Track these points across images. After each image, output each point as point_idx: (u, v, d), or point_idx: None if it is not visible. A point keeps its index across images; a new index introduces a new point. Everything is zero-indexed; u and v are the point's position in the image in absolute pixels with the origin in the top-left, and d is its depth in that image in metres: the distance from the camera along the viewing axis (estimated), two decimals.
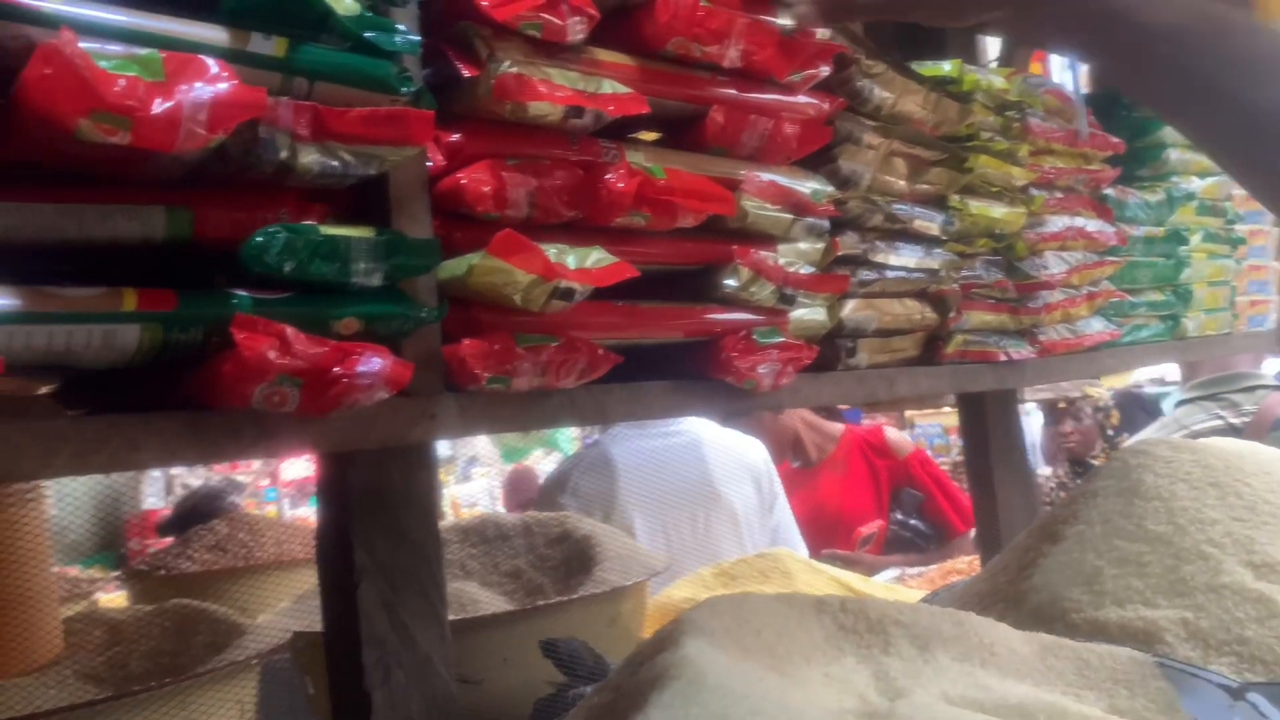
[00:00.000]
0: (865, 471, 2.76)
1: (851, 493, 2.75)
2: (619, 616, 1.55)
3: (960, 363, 1.10)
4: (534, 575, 1.71)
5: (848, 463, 2.78)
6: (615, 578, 1.57)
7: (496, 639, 1.37)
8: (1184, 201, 1.43)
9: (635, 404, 0.79)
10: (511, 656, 1.37)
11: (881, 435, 2.83)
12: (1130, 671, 0.92)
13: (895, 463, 2.75)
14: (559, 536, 1.76)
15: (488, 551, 1.77)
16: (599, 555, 1.66)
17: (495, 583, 1.69)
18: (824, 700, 0.86)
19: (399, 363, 0.61)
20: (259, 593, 1.94)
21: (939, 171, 1.03)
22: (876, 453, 2.78)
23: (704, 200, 0.76)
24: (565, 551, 1.73)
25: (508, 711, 1.30)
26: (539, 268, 0.67)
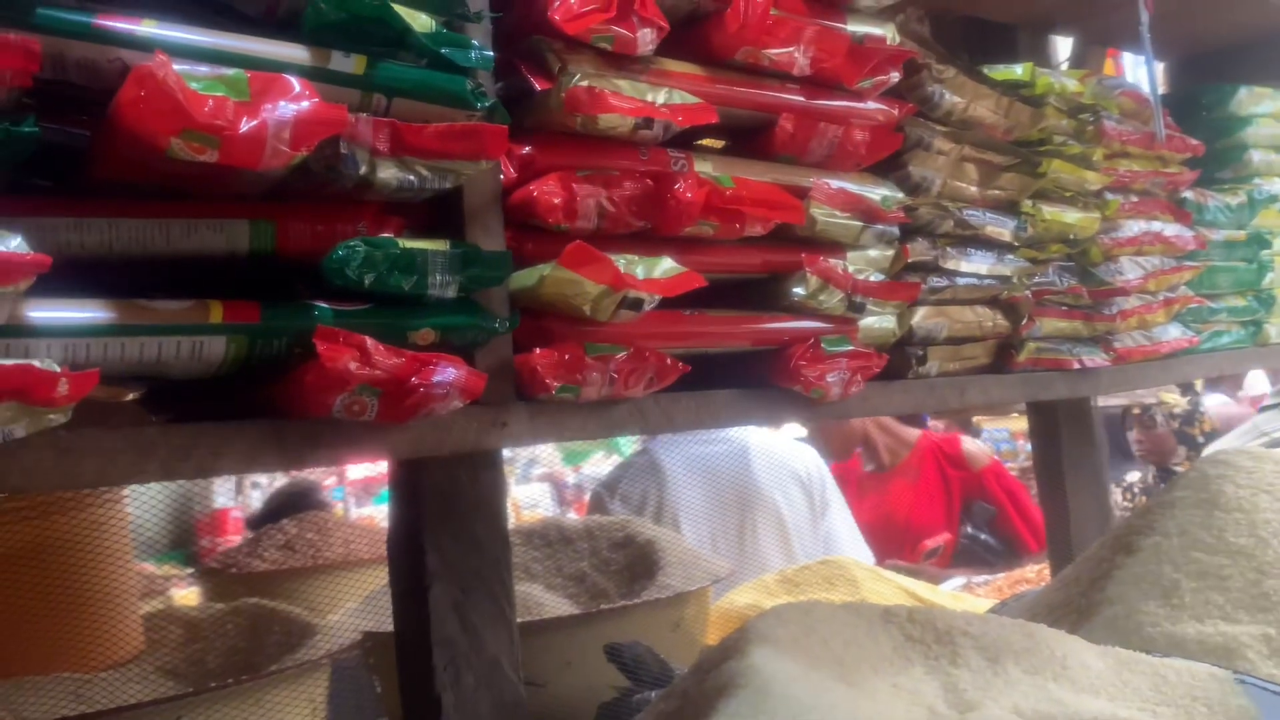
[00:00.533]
0: (938, 481, 2.71)
1: (921, 502, 2.70)
2: (682, 621, 1.55)
3: (1033, 371, 1.08)
4: (597, 579, 1.72)
5: (920, 470, 2.73)
6: (678, 583, 1.57)
7: (560, 642, 1.38)
8: (1267, 204, 1.38)
9: (702, 412, 0.79)
10: (575, 660, 1.38)
11: (958, 445, 2.76)
12: (1210, 689, 0.90)
13: (969, 474, 2.69)
14: (622, 541, 1.76)
15: (551, 555, 1.78)
16: (662, 560, 1.66)
17: (559, 586, 1.70)
18: (893, 712, 0.85)
19: (473, 373, 0.62)
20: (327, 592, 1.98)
21: (1011, 177, 1.01)
22: (951, 463, 2.71)
23: (772, 209, 0.76)
24: (628, 556, 1.73)
25: (571, 715, 1.31)
26: (609, 278, 0.68)
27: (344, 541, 2.28)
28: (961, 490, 2.70)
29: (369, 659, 1.51)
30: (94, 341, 0.52)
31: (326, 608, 1.75)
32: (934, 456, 2.72)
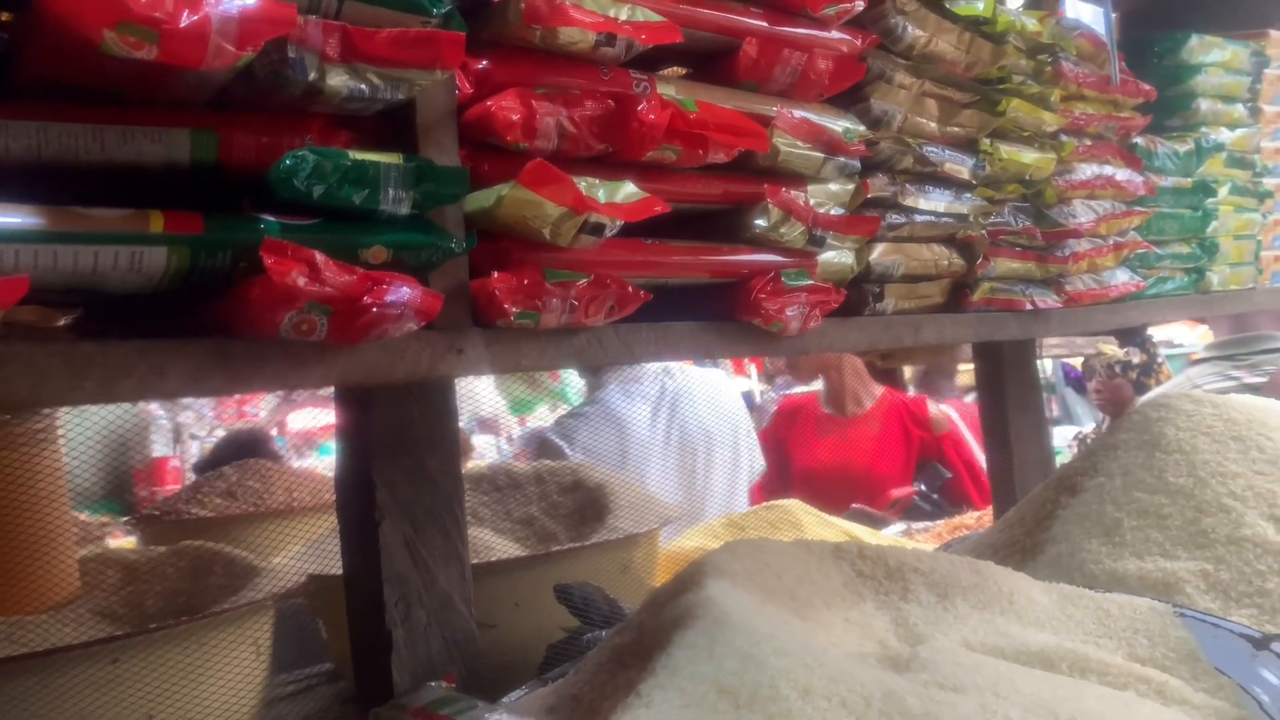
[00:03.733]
0: (900, 436, 2.78)
1: (883, 453, 2.78)
2: (631, 563, 1.55)
3: (986, 310, 1.08)
4: (546, 523, 1.71)
5: (884, 423, 2.80)
6: (628, 525, 1.57)
7: (509, 585, 1.37)
8: (1213, 153, 1.40)
9: (663, 344, 0.78)
10: (524, 602, 1.37)
11: (924, 407, 2.85)
12: (1150, 621, 0.92)
13: (930, 437, 2.77)
14: (571, 485, 1.76)
15: (500, 499, 1.77)
16: (612, 504, 1.66)
17: (507, 530, 1.69)
18: (846, 644, 0.86)
19: (429, 293, 0.60)
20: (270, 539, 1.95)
21: (971, 114, 1.01)
22: (916, 422, 2.79)
23: (736, 135, 0.74)
24: (578, 500, 1.73)
25: (519, 656, 1.30)
26: (570, 200, 0.66)
27: (287, 489, 2.24)
28: (920, 450, 2.77)
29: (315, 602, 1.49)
30: (23, 248, 0.49)
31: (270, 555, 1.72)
32: (899, 413, 2.79)
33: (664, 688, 0.74)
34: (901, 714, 0.68)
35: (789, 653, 0.74)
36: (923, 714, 0.68)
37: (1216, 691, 0.82)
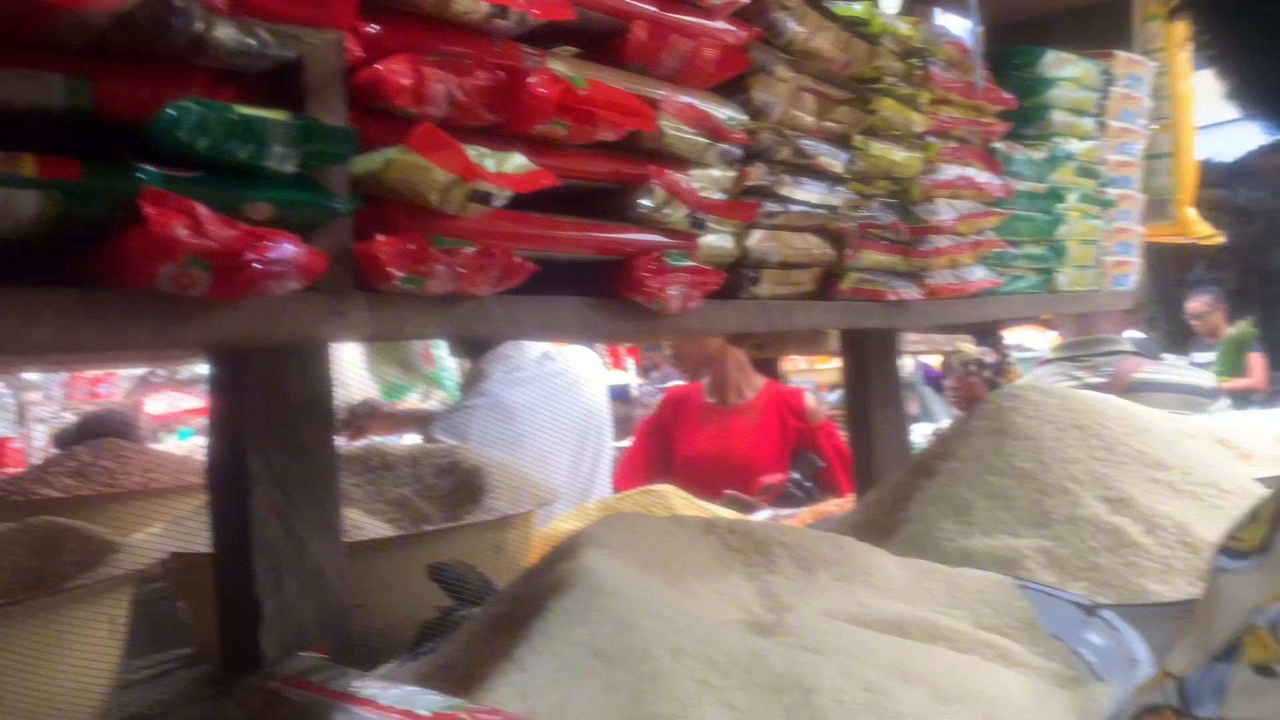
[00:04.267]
0: (778, 426, 2.88)
1: (761, 442, 2.87)
2: (506, 544, 1.55)
3: (853, 300, 1.13)
4: (420, 504, 1.70)
5: (763, 413, 2.90)
6: (504, 507, 1.57)
7: (380, 564, 1.36)
8: (1064, 162, 1.50)
9: (548, 317, 0.79)
10: (396, 582, 1.36)
11: (801, 399, 2.96)
12: (995, 593, 0.99)
13: (806, 427, 2.88)
14: (447, 466, 1.74)
15: (372, 480, 1.75)
16: (488, 485, 1.66)
17: (379, 511, 1.67)
18: (715, 612, 0.89)
19: (313, 252, 0.59)
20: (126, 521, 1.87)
21: (845, 110, 1.05)
22: (793, 412, 2.90)
23: (625, 114, 0.76)
24: (454, 482, 1.72)
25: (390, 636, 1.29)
26: (458, 167, 0.66)
27: (144, 469, 2.15)
28: (796, 439, 2.88)
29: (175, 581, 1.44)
30: None
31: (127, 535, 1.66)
32: (778, 404, 2.89)
33: (539, 652, 0.76)
34: (767, 672, 0.71)
35: (661, 617, 0.77)
36: (787, 673, 0.71)
37: (1051, 654, 0.89)
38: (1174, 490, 1.19)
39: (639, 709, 0.68)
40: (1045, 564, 1.10)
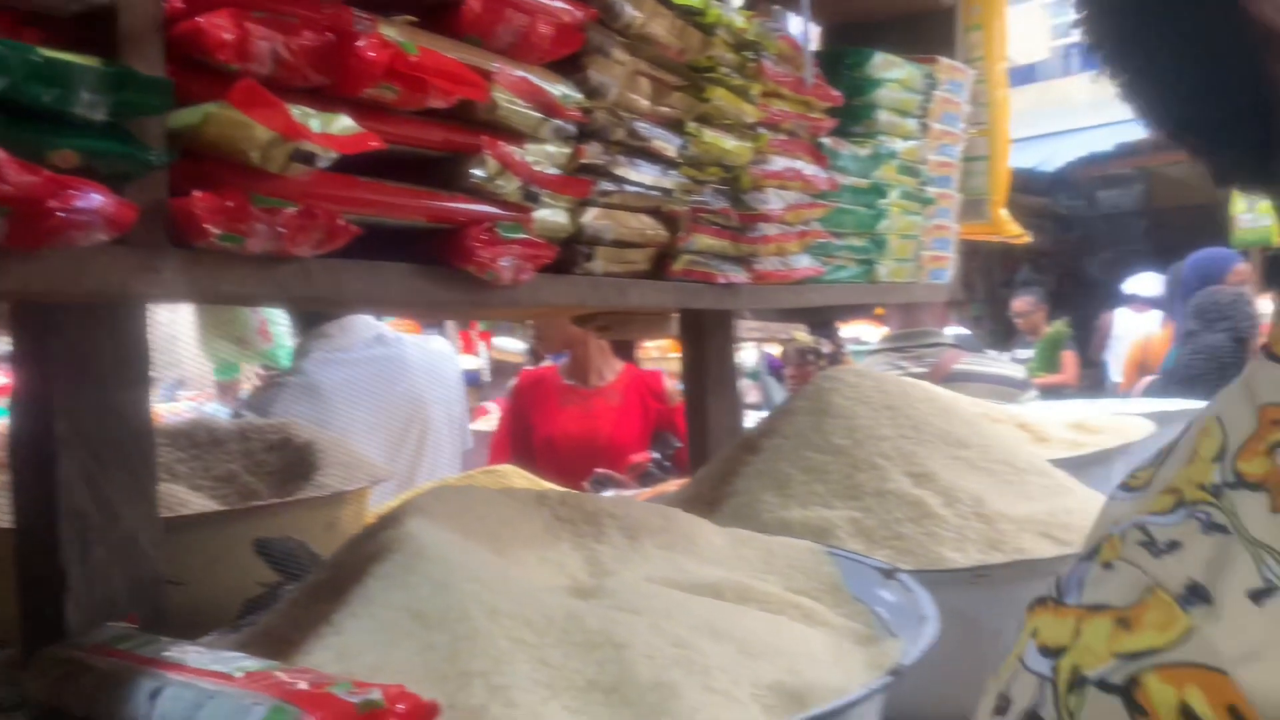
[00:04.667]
0: (639, 407, 2.94)
1: (624, 423, 2.93)
2: (337, 522, 1.53)
3: (685, 281, 1.18)
4: (249, 480, 1.65)
5: (624, 395, 2.95)
6: (337, 484, 1.55)
7: (206, 540, 1.32)
8: (887, 159, 1.59)
9: (373, 282, 0.79)
10: (221, 558, 1.33)
11: (660, 381, 3.04)
12: (806, 559, 1.05)
13: (665, 408, 2.95)
14: (278, 443, 1.71)
15: (198, 455, 1.69)
16: (320, 462, 1.63)
17: (206, 487, 1.62)
18: (540, 578, 0.92)
19: (122, 203, 0.58)
20: None
21: (679, 97, 1.09)
22: (653, 394, 2.97)
23: (456, 82, 0.77)
24: (285, 458, 1.68)
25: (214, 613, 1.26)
26: (281, 125, 0.66)
27: None
28: (656, 420, 2.95)
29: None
30: None
31: None
32: (638, 385, 2.96)
33: (356, 616, 0.77)
34: (582, 630, 0.74)
35: (480, 580, 0.78)
36: (600, 630, 0.74)
37: (853, 615, 0.96)
38: (972, 467, 1.29)
39: (453, 666, 0.69)
40: (854, 533, 1.18)
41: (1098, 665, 0.45)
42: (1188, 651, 0.44)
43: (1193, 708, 0.42)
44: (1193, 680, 0.43)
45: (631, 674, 0.70)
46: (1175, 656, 0.44)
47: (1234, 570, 0.45)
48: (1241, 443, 0.48)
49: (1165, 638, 0.45)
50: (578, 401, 3.02)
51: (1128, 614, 0.46)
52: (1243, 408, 0.50)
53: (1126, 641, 0.46)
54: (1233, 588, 0.45)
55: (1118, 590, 0.48)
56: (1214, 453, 0.49)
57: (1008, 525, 1.18)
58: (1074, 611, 0.48)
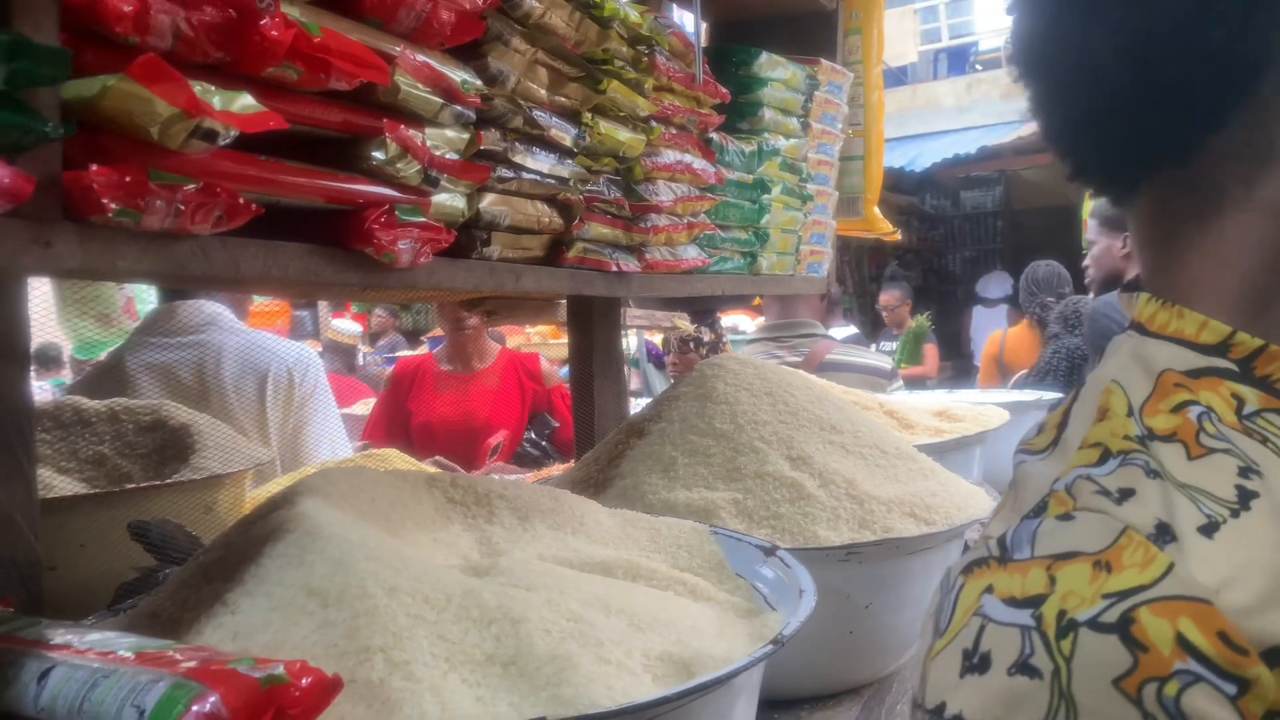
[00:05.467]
0: (516, 389, 2.96)
1: (501, 405, 2.95)
2: (216, 505, 1.50)
3: (579, 268, 1.20)
4: (120, 463, 1.60)
5: (502, 377, 2.96)
6: (215, 466, 1.52)
7: (75, 524, 1.28)
8: (771, 156, 1.65)
9: (271, 261, 0.79)
10: (91, 542, 1.29)
11: (537, 362, 3.07)
12: (691, 538, 1.09)
13: (541, 389, 2.98)
14: (151, 424, 1.65)
15: (65, 437, 1.62)
16: (197, 444, 1.59)
17: (73, 469, 1.56)
18: (434, 558, 0.93)
19: (19, 174, 0.57)
20: None
21: (576, 87, 1.11)
22: (529, 375, 3.00)
23: (359, 65, 0.78)
24: (158, 440, 1.63)
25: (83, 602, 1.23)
26: (183, 101, 0.65)
27: None
28: (533, 401, 2.97)
29: None
30: None
31: None
32: (515, 367, 2.98)
33: (251, 595, 0.77)
34: (479, 606, 0.76)
35: (378, 558, 0.79)
36: (496, 606, 0.77)
37: (735, 590, 1.00)
38: (845, 450, 1.36)
39: (352, 643, 0.70)
40: (736, 514, 1.23)
41: (1086, 607, 0.49)
42: (1172, 586, 0.48)
43: (1188, 637, 0.47)
44: (1183, 612, 0.47)
45: (529, 647, 0.73)
46: (1162, 591, 0.48)
47: (1181, 510, 0.51)
48: (1142, 402, 0.56)
49: (1149, 575, 0.49)
50: (456, 386, 3.04)
51: (1104, 557, 0.51)
52: (1138, 373, 0.58)
53: (1111, 582, 0.49)
54: (1187, 525, 0.50)
55: (1086, 537, 0.52)
56: (1125, 409, 0.56)
57: (877, 506, 1.25)
58: (1037, 563, 0.52)
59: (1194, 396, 0.55)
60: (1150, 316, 0.61)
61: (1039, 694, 0.48)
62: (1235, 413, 0.55)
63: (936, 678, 0.54)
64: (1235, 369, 0.56)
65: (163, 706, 0.57)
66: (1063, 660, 0.48)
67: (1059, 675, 0.48)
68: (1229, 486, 0.51)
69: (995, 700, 0.49)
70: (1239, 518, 0.50)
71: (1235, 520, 0.50)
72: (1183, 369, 0.57)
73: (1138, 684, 0.46)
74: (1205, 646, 0.46)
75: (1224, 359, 0.57)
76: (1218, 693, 0.46)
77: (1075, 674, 0.47)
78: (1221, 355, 0.57)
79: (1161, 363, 0.58)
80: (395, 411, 3.14)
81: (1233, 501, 0.51)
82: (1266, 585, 0.48)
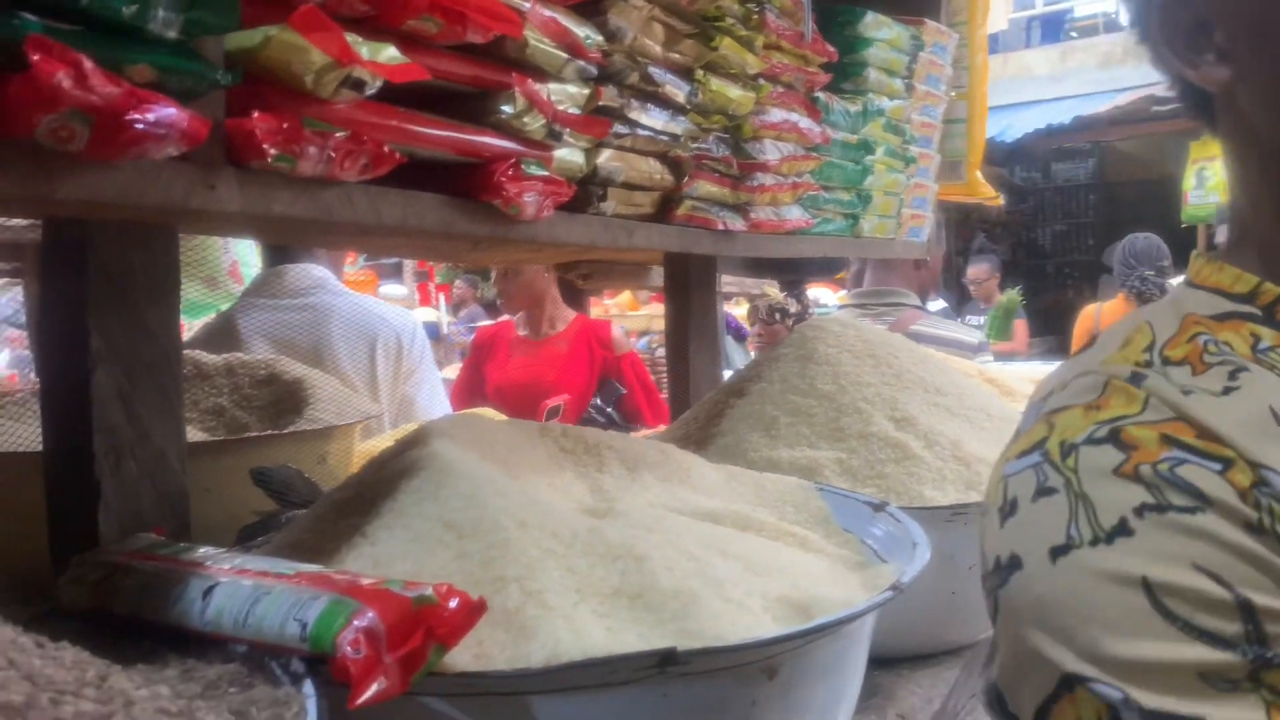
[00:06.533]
0: (585, 355, 3.02)
1: (569, 371, 3.01)
2: (329, 456, 1.56)
3: (686, 226, 1.21)
4: (238, 414, 1.67)
5: (572, 344, 3.02)
6: (329, 418, 1.58)
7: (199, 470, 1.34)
8: (875, 116, 1.63)
9: (408, 210, 0.82)
10: (215, 487, 1.35)
11: (609, 329, 3.12)
12: (796, 494, 1.11)
13: (611, 356, 3.03)
14: (266, 378, 1.72)
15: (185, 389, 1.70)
16: (311, 397, 1.65)
17: (194, 419, 1.63)
18: (551, 500, 0.96)
19: (196, 117, 0.60)
20: None
21: (690, 44, 1.12)
22: (600, 343, 3.05)
23: (494, 18, 0.80)
24: (274, 393, 1.70)
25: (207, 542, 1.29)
26: (336, 51, 0.68)
27: None
28: (602, 367, 3.02)
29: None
30: None
31: None
32: (586, 334, 3.03)
33: (390, 527, 0.81)
34: (604, 543, 0.79)
35: (507, 494, 0.83)
36: (620, 543, 0.79)
37: (844, 544, 1.01)
38: (950, 413, 1.35)
39: (487, 572, 0.74)
40: (839, 473, 1.24)
41: (1080, 432, 0.60)
42: (1152, 414, 0.59)
43: (1170, 435, 0.57)
44: (1164, 428, 0.58)
45: (654, 582, 0.75)
46: (1145, 418, 0.59)
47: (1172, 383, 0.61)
48: (1167, 339, 0.64)
49: (1132, 409, 0.59)
50: (528, 351, 3.11)
51: (1095, 402, 0.61)
52: (1170, 317, 0.66)
53: (1099, 415, 0.60)
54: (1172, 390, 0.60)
55: (1078, 394, 0.63)
56: (1145, 345, 0.65)
57: (984, 468, 1.25)
58: (1039, 422, 0.63)
59: (1210, 334, 0.63)
60: (1197, 271, 0.69)
61: (1060, 504, 0.58)
62: (1251, 348, 0.62)
63: (987, 544, 0.63)
64: (1259, 313, 0.64)
65: (324, 621, 0.61)
66: (1070, 473, 0.58)
67: (1070, 485, 0.58)
68: (1219, 384, 0.60)
69: (1030, 526, 0.59)
70: (1219, 398, 0.59)
71: (1216, 397, 0.59)
72: (1209, 313, 0.65)
73: (1134, 466, 0.56)
74: (1186, 440, 0.57)
75: (1250, 305, 0.65)
76: (1205, 470, 0.55)
77: (1082, 478, 0.58)
78: (1249, 302, 0.65)
79: (1189, 308, 0.66)
80: (474, 377, 3.23)
81: (1218, 391, 0.59)
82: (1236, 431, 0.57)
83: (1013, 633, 0.60)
